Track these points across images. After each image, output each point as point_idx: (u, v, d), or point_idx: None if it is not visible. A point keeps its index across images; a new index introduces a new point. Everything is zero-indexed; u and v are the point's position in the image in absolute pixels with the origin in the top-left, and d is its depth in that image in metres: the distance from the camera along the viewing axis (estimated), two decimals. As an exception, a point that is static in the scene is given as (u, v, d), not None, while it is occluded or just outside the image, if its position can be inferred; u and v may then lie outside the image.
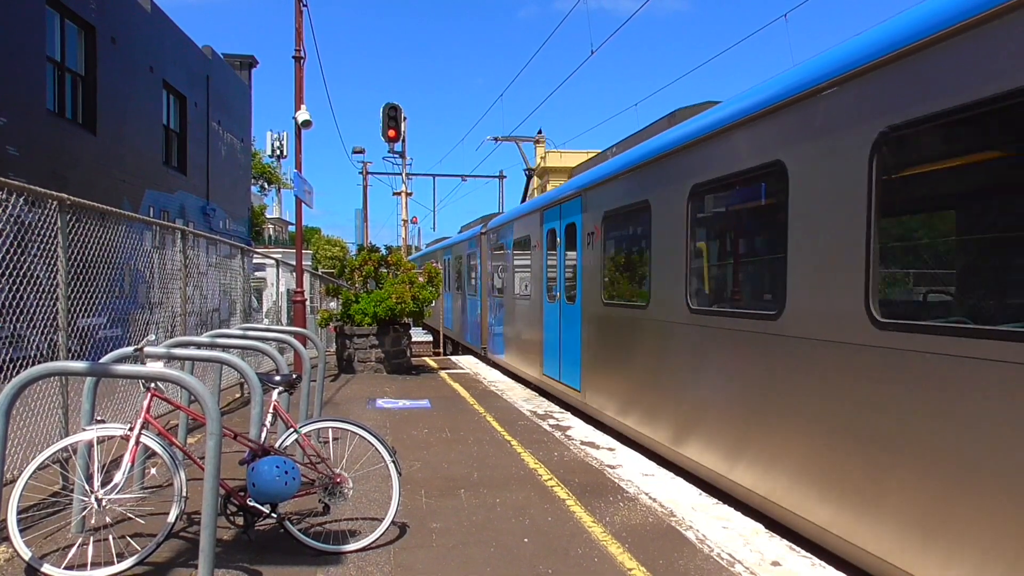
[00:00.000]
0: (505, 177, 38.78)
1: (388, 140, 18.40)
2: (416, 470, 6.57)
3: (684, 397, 6.74)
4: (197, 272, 9.39)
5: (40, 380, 4.05)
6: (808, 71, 4.97)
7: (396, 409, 9.90)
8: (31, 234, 5.33)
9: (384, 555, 4.50)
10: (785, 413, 5.07)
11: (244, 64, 31.75)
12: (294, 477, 4.23)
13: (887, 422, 4.08)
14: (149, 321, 7.91)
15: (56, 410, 5.49)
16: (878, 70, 4.24)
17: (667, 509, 5.52)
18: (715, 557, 4.54)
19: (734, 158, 5.84)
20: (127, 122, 18.58)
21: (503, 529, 5.03)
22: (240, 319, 11.29)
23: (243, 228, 29.80)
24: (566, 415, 9.66)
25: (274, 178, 46.74)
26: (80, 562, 4.02)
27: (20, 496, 3.98)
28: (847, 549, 4.40)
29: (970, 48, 3.62)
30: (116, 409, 6.62)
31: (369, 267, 14.36)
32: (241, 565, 4.29)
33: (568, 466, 6.84)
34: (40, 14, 14.71)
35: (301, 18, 13.31)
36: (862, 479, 4.27)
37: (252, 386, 4.81)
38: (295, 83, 13.33)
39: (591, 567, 4.37)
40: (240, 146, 29.90)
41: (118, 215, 6.89)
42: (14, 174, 8.84)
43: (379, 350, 13.71)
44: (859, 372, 4.31)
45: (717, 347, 6.10)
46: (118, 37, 17.90)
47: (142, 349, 4.38)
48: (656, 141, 7.59)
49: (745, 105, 5.69)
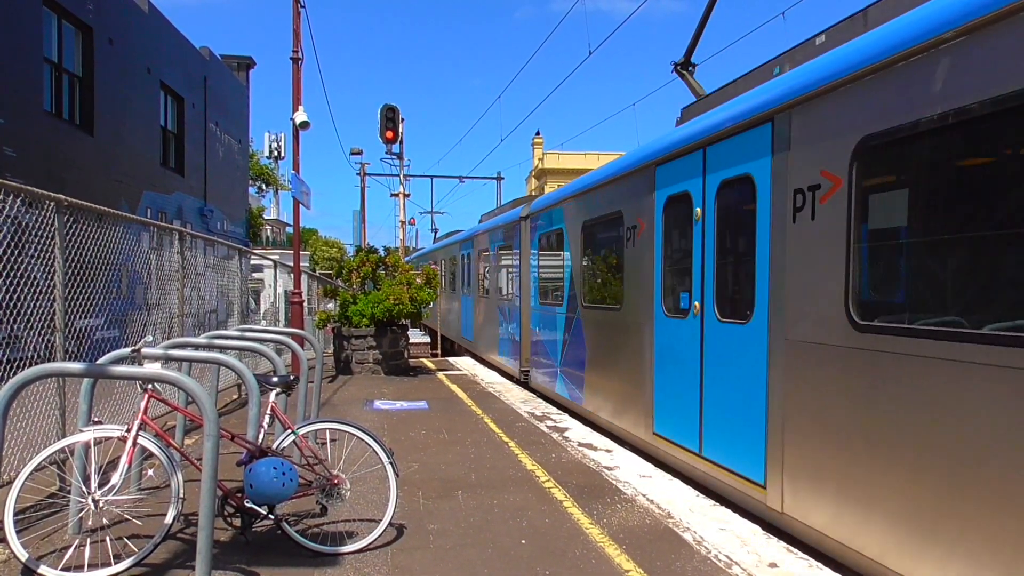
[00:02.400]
0: (503, 179, 38.86)
1: (386, 141, 18.44)
2: (414, 471, 6.57)
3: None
4: (195, 273, 9.38)
5: (37, 381, 4.05)
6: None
7: (394, 410, 9.89)
8: (28, 235, 5.33)
9: (382, 556, 4.50)
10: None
11: (242, 65, 31.71)
12: (291, 478, 4.23)
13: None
14: (146, 322, 7.90)
15: (53, 411, 5.48)
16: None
17: (664, 511, 5.53)
18: (712, 559, 4.54)
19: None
20: (124, 123, 18.55)
21: (501, 530, 5.03)
22: (238, 320, 11.29)
23: (241, 229, 29.76)
24: (564, 416, 9.65)
25: (272, 179, 46.70)
26: (77, 563, 4.01)
27: (17, 497, 3.98)
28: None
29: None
30: (113, 410, 6.61)
31: (367, 268, 14.36)
32: (238, 566, 4.28)
33: (566, 467, 6.84)
34: (37, 15, 14.69)
35: (299, 19, 13.32)
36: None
37: (249, 387, 4.81)
38: (293, 84, 13.34)
39: (589, 568, 4.38)
40: (238, 147, 29.87)
41: (115, 216, 6.88)
42: (11, 175, 8.83)
43: (377, 351, 13.71)
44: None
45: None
46: (115, 38, 17.88)
47: (139, 350, 4.38)
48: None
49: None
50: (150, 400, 4.29)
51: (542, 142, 54.57)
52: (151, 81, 20.44)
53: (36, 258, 5.43)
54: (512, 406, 10.41)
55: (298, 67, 13.39)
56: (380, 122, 18.28)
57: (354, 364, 13.66)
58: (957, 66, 3.74)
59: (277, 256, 18.94)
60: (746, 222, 5.64)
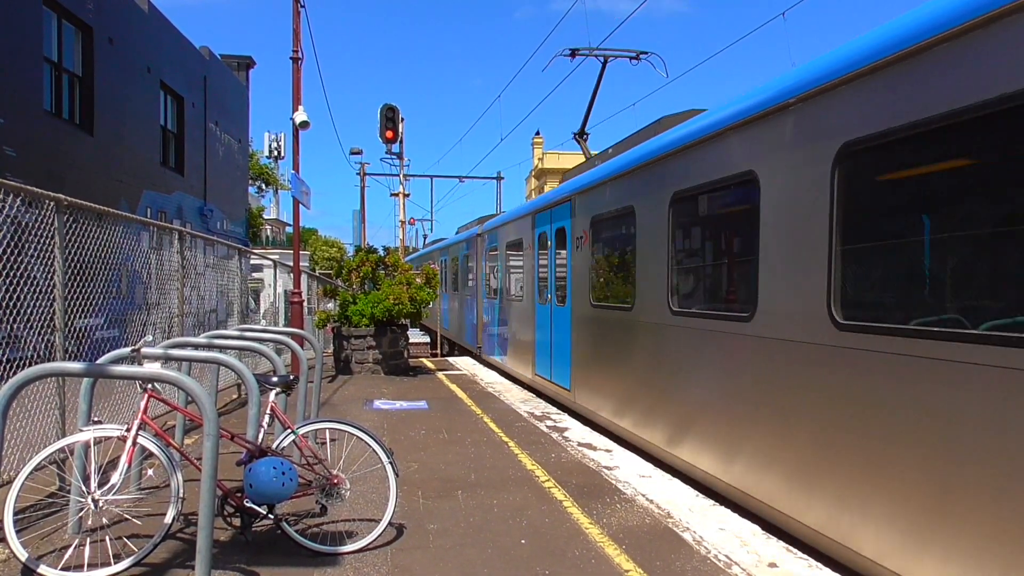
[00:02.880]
0: (503, 179, 38.84)
1: (386, 141, 18.40)
2: (413, 471, 6.57)
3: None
4: (194, 273, 9.38)
5: (37, 381, 4.05)
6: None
7: (393, 410, 9.90)
8: (28, 235, 5.33)
9: (381, 556, 4.50)
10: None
11: (241, 65, 31.71)
12: (291, 478, 4.23)
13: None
14: (146, 322, 7.90)
15: (53, 411, 5.48)
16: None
17: (664, 510, 5.53)
18: (712, 558, 4.54)
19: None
20: (124, 123, 18.55)
21: (500, 530, 5.03)
22: (237, 320, 11.29)
23: (241, 229, 29.76)
24: (563, 416, 9.66)
25: (272, 179, 46.67)
26: (77, 563, 4.01)
27: (17, 497, 3.98)
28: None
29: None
30: (113, 410, 6.62)
31: (367, 268, 14.36)
32: (238, 566, 4.28)
33: (565, 467, 6.84)
34: (37, 15, 14.68)
35: (299, 19, 13.32)
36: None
37: (249, 387, 4.81)
38: (292, 84, 13.33)
39: (588, 568, 4.38)
40: (237, 147, 29.87)
41: (115, 216, 6.88)
42: (11, 175, 8.82)
43: (376, 351, 13.71)
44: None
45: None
46: (115, 38, 17.87)
47: (139, 350, 4.38)
48: None
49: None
50: (150, 400, 4.29)
51: (542, 142, 54.50)
52: (151, 81, 20.44)
53: (36, 258, 5.43)
54: (512, 406, 10.42)
55: (298, 67, 13.38)
56: (380, 122, 18.24)
57: (354, 364, 13.66)
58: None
59: (277, 256, 18.93)
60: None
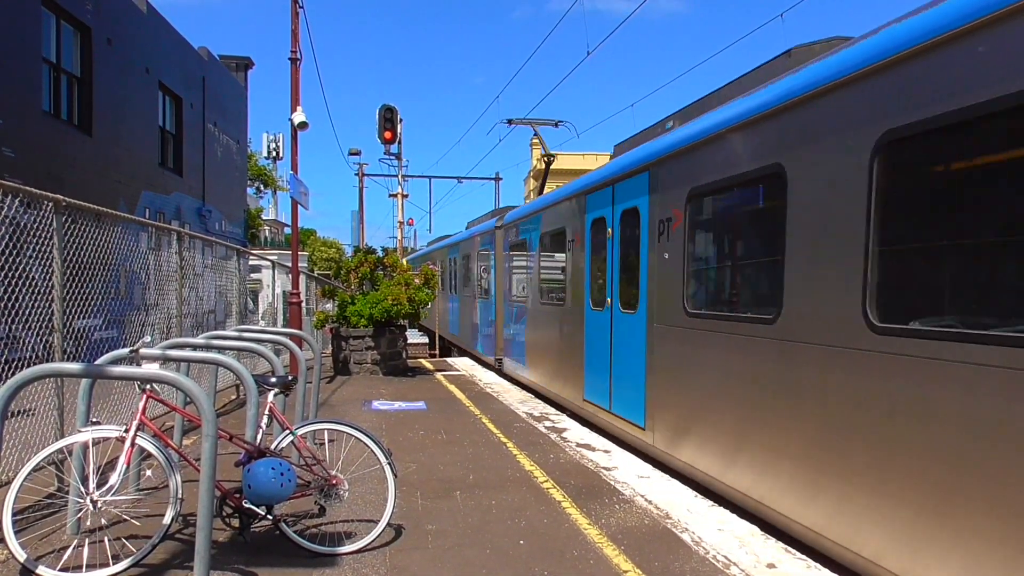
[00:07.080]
0: (501, 179, 38.79)
1: (384, 142, 18.42)
2: (412, 472, 6.57)
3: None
4: (193, 274, 9.38)
5: (35, 382, 4.05)
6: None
7: (392, 411, 9.89)
8: (27, 235, 5.33)
9: (380, 557, 4.50)
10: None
11: (240, 65, 31.71)
12: (290, 479, 4.24)
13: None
14: (145, 323, 7.90)
15: (51, 412, 5.48)
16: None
17: (663, 511, 5.54)
18: (711, 559, 4.55)
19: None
20: (123, 123, 18.53)
21: (499, 531, 5.03)
22: (236, 321, 11.29)
23: (239, 230, 29.75)
24: (562, 417, 9.66)
25: (270, 180, 46.61)
26: (75, 564, 4.01)
27: (15, 497, 3.98)
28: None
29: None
30: (112, 411, 6.61)
31: (365, 269, 14.36)
32: (237, 567, 4.28)
33: (564, 468, 6.85)
34: (36, 15, 14.67)
35: (297, 20, 13.31)
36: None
37: (248, 388, 4.81)
38: (291, 85, 13.32)
39: (587, 569, 4.38)
40: (236, 148, 29.85)
41: (114, 216, 6.88)
42: (10, 175, 8.83)
43: (375, 352, 13.71)
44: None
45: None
46: (114, 38, 17.86)
47: (137, 351, 4.38)
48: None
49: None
50: (148, 400, 4.29)
51: (537, 144, 54.40)
52: (149, 81, 20.43)
53: (35, 258, 5.43)
54: (510, 407, 10.42)
55: (296, 67, 13.37)
56: (378, 122, 18.26)
57: (352, 364, 13.66)
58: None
59: (275, 256, 18.90)
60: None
